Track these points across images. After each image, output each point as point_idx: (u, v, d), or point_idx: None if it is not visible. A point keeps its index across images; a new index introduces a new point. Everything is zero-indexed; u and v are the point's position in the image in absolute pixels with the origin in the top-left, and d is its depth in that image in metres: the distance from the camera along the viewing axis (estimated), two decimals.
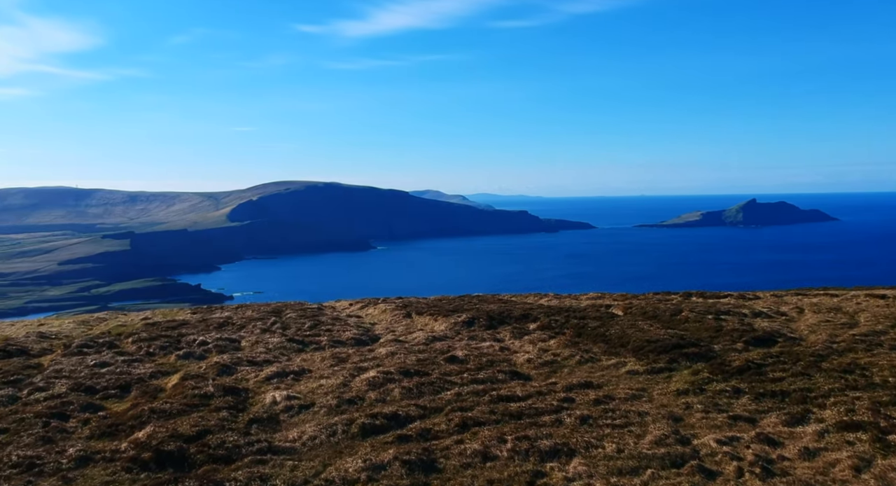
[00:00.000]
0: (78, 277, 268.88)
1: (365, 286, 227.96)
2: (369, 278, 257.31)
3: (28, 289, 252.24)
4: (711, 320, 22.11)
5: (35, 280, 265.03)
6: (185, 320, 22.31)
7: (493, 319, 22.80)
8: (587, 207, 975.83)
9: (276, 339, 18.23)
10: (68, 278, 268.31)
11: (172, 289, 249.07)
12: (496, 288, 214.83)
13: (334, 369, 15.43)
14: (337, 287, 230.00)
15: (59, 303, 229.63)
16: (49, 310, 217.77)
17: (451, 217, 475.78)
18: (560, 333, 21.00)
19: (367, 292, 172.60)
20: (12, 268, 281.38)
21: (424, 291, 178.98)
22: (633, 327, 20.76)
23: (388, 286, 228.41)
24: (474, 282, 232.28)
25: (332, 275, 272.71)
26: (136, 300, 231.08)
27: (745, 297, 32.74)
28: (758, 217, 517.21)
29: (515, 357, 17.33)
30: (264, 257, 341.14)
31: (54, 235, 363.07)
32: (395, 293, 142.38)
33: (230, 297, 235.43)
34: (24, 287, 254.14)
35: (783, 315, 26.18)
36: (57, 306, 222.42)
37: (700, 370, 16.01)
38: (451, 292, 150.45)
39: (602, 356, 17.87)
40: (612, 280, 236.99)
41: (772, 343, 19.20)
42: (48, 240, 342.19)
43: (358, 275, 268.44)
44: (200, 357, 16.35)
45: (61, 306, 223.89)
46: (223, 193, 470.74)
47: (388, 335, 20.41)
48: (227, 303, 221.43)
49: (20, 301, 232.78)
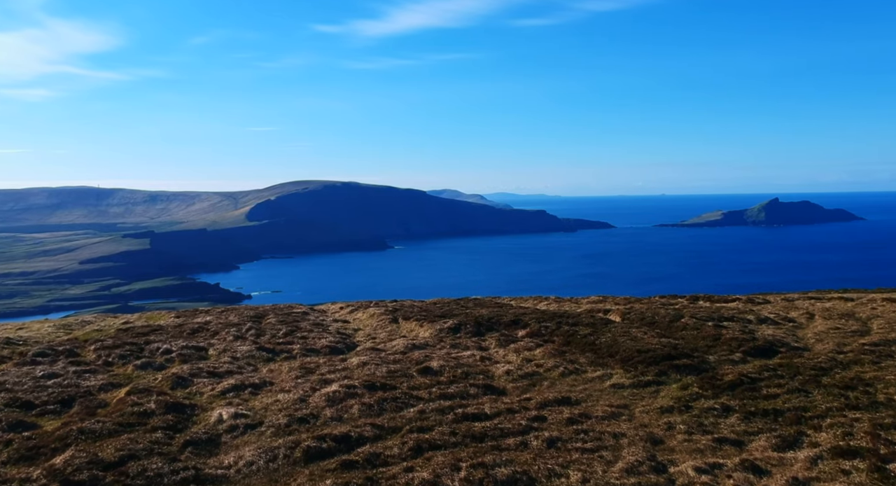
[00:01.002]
0: (99, 276, 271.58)
1: (380, 286, 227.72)
2: (385, 278, 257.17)
3: (50, 288, 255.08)
4: (711, 328, 20.93)
5: (57, 279, 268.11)
6: (161, 325, 21.56)
7: (480, 325, 21.80)
8: (607, 206, 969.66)
9: (245, 347, 17.38)
10: (89, 276, 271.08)
11: (191, 288, 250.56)
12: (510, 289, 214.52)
13: (298, 381, 14.53)
14: (353, 287, 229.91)
15: (80, 301, 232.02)
16: (70, 309, 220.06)
17: (468, 217, 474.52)
18: (549, 340, 19.95)
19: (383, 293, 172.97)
20: (35, 267, 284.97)
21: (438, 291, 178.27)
22: (625, 334, 19.65)
23: (403, 286, 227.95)
24: (489, 282, 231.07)
25: (349, 274, 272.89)
26: (156, 299, 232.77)
27: (755, 301, 31.44)
28: (780, 217, 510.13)
29: (494, 368, 16.32)
30: (282, 256, 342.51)
31: (76, 235, 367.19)
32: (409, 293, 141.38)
33: (248, 296, 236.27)
34: (46, 286, 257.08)
35: (791, 322, 24.91)
36: (78, 305, 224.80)
37: (689, 384, 14.90)
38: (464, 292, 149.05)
39: (588, 367, 16.80)
40: (629, 281, 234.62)
41: (772, 354, 18.01)
42: (70, 239, 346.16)
43: (374, 275, 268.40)
44: (160, 367, 15.53)
45: (82, 304, 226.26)
46: (242, 192, 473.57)
47: (367, 343, 19.49)
48: (245, 302, 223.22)
49: (42, 300, 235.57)
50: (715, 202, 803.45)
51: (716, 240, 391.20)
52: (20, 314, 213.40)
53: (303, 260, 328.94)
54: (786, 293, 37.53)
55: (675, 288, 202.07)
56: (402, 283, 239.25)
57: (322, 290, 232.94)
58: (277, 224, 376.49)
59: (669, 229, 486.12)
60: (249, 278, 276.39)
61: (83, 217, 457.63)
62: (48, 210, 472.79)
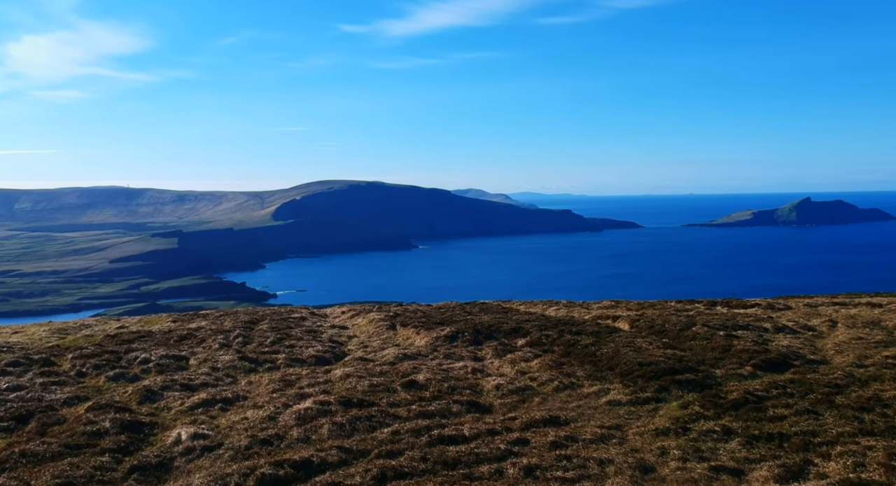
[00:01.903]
0: (128, 274, 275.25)
1: (403, 286, 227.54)
2: (408, 278, 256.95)
3: (81, 286, 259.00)
4: (722, 338, 19.77)
5: (87, 278, 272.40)
6: (152, 330, 21.01)
7: (479, 333, 20.90)
8: (634, 206, 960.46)
9: (228, 357, 16.69)
10: (119, 275, 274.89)
11: (218, 287, 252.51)
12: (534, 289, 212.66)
13: (273, 396, 13.78)
14: (376, 287, 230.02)
15: (109, 300, 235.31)
16: (100, 307, 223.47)
17: (493, 216, 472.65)
18: (549, 350, 18.99)
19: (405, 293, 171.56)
20: (66, 265, 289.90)
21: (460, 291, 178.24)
22: (629, 345, 18.61)
23: (426, 286, 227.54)
24: (512, 283, 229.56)
25: (373, 274, 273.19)
26: (184, 298, 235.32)
27: (775, 307, 30.09)
28: (812, 216, 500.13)
29: (485, 382, 15.42)
30: (307, 255, 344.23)
31: (106, 234, 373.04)
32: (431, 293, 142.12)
33: (274, 295, 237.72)
34: (77, 284, 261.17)
35: (810, 330, 23.60)
36: (108, 303, 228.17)
37: (690, 403, 13.85)
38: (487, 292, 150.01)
39: (585, 381, 15.82)
40: (656, 281, 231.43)
41: (785, 367, 16.85)
42: (100, 238, 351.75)
43: (398, 275, 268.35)
44: (133, 379, 14.90)
45: (112, 302, 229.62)
46: (268, 192, 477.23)
47: (358, 352, 18.71)
48: (271, 301, 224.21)
49: (73, 298, 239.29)
50: (744, 202, 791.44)
51: (745, 240, 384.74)
52: (52, 312, 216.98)
53: (328, 260, 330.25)
54: (812, 297, 36.01)
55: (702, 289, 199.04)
56: (425, 283, 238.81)
57: (346, 289, 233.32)
58: (303, 224, 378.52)
59: (698, 229, 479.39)
60: (275, 278, 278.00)
61: (113, 217, 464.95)
62: (80, 210, 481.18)
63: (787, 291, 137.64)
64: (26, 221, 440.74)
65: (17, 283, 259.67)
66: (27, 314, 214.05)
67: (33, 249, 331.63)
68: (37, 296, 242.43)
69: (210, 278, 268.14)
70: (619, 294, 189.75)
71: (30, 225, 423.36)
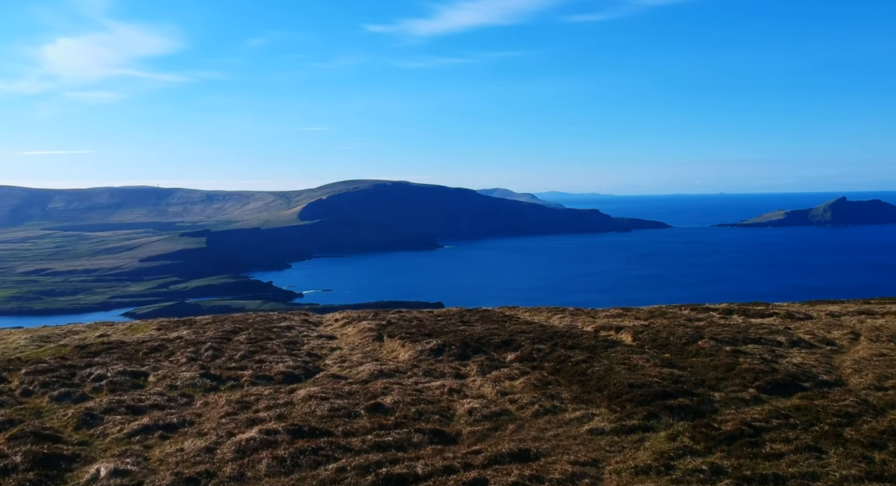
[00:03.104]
0: (157, 273, 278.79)
1: (426, 287, 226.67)
2: (433, 278, 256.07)
3: (112, 285, 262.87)
4: (727, 354, 18.25)
5: (118, 276, 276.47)
6: (126, 341, 20.14)
7: (467, 346, 19.65)
8: (663, 205, 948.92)
9: (190, 373, 15.67)
10: (149, 274, 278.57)
11: (245, 286, 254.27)
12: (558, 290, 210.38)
13: (222, 421, 12.70)
14: (400, 287, 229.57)
15: (139, 299, 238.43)
16: (130, 305, 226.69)
17: (519, 216, 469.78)
18: (538, 367, 17.69)
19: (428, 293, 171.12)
20: (98, 264, 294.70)
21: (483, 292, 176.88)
22: (624, 362, 17.21)
23: (450, 286, 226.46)
24: (536, 284, 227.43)
25: (397, 274, 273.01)
26: (212, 297, 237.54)
27: (794, 316, 28.35)
28: (848, 216, 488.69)
29: (458, 405, 14.19)
30: (333, 255, 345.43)
31: (136, 233, 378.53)
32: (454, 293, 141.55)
33: (300, 294, 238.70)
34: (108, 283, 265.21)
35: (829, 344, 21.93)
36: (137, 302, 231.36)
37: (680, 434, 12.46)
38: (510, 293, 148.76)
39: (569, 405, 14.50)
40: (685, 283, 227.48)
41: (793, 390, 15.33)
42: (131, 238, 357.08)
43: (421, 275, 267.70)
44: (79, 399, 13.93)
45: (142, 301, 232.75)
46: (294, 192, 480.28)
47: (334, 367, 17.60)
48: (297, 301, 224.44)
49: (104, 297, 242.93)
50: (777, 201, 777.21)
51: (777, 240, 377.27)
52: (83, 311, 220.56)
53: (353, 259, 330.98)
54: (842, 302, 34.10)
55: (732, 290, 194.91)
56: (450, 283, 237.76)
57: (370, 289, 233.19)
58: (328, 223, 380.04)
59: (728, 229, 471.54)
60: (301, 277, 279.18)
61: (143, 216, 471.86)
62: (111, 209, 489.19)
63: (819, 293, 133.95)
64: (59, 221, 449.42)
65: (49, 281, 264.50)
66: (59, 313, 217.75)
67: (66, 248, 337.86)
68: (69, 294, 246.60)
69: (237, 278, 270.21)
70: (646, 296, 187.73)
71: (63, 224, 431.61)
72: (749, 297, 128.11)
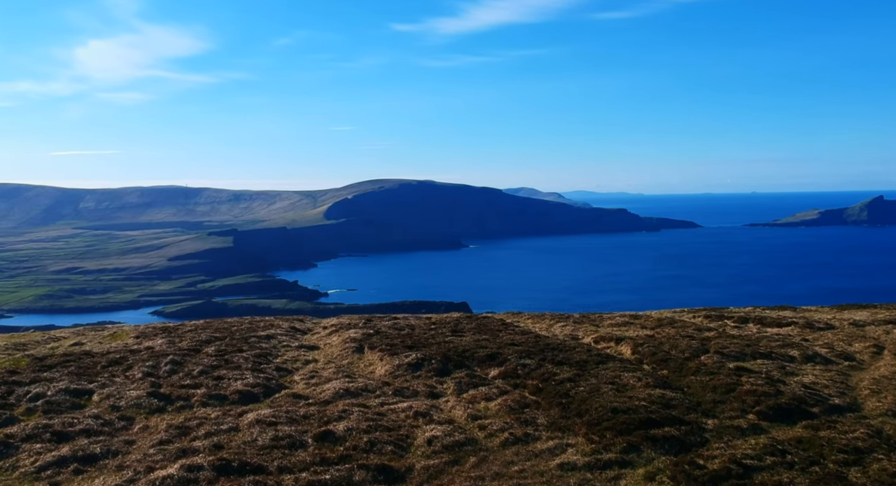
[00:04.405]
0: (185, 272, 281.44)
1: (452, 286, 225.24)
2: (458, 278, 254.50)
3: (141, 283, 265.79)
4: (730, 372, 16.58)
5: (147, 275, 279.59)
6: (91, 351, 19.14)
7: (449, 360, 18.27)
8: (693, 204, 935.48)
9: (138, 392, 14.53)
10: (177, 273, 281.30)
11: (271, 285, 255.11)
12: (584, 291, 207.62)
13: (151, 451, 11.51)
14: (424, 287, 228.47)
15: (168, 297, 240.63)
16: (158, 304, 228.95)
17: (545, 215, 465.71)
18: (521, 385, 16.25)
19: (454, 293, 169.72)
20: (127, 263, 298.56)
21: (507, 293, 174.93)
22: (613, 381, 15.68)
23: (475, 286, 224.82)
24: (562, 284, 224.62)
25: (422, 274, 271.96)
26: (238, 296, 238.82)
27: (814, 326, 26.49)
28: (886, 216, 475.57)
29: (420, 432, 12.84)
30: (358, 254, 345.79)
31: (165, 232, 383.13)
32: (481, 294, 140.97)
33: (325, 294, 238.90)
34: (137, 282, 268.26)
35: (847, 360, 20.13)
36: (166, 300, 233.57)
37: (659, 472, 10.97)
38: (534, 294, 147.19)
39: (544, 432, 13.05)
40: (714, 283, 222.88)
41: (798, 416, 13.70)
42: (159, 237, 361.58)
43: (446, 275, 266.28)
44: (5, 423, 12.85)
45: (170, 300, 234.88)
46: (320, 191, 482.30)
47: (300, 384, 16.35)
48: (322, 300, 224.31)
49: (133, 295, 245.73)
50: (811, 200, 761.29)
51: (811, 240, 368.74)
52: (113, 309, 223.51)
53: (378, 259, 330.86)
54: (874, 307, 32.02)
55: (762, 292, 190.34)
56: (474, 283, 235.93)
57: (395, 289, 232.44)
58: (354, 223, 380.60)
59: (760, 229, 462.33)
60: (327, 276, 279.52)
61: (172, 216, 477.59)
62: (140, 209, 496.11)
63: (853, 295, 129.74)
64: (90, 220, 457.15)
65: (80, 280, 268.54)
66: (90, 311, 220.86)
67: (96, 247, 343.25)
68: (99, 293, 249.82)
69: (264, 277, 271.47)
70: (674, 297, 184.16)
71: (93, 223, 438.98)
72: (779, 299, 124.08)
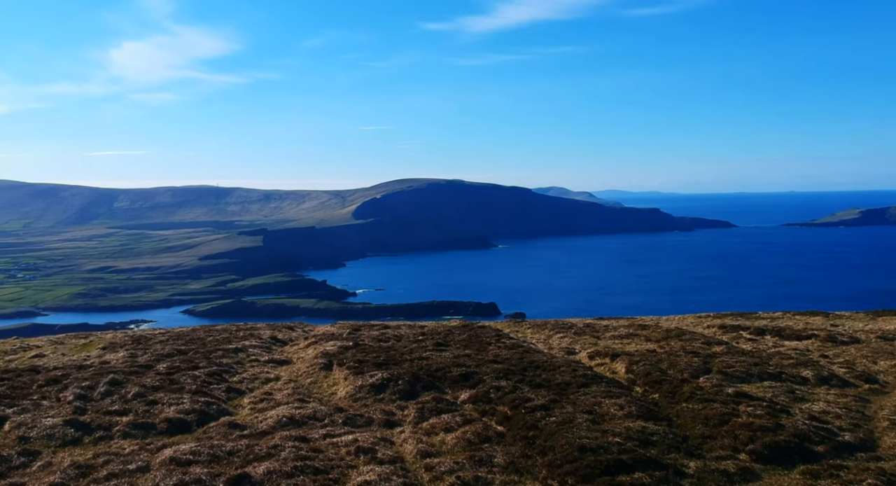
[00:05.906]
0: (216, 271, 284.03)
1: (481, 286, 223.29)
2: (486, 278, 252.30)
3: (172, 282, 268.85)
4: (726, 399, 14.60)
5: (178, 274, 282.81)
6: (41, 366, 17.94)
7: (418, 380, 16.60)
8: (728, 204, 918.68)
9: (55, 419, 13.15)
10: (207, 272, 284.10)
11: (300, 285, 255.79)
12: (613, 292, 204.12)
13: None
14: (454, 287, 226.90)
15: (198, 296, 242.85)
16: (189, 303, 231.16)
17: (576, 215, 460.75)
18: (490, 412, 14.51)
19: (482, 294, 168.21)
20: (159, 262, 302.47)
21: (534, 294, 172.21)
22: (591, 410, 13.85)
23: (503, 286, 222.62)
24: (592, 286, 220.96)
25: (450, 274, 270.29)
26: (268, 295, 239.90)
27: (836, 339, 24.23)
28: None
29: (354, 475, 11.19)
30: (387, 254, 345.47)
31: (196, 232, 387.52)
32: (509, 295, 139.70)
33: (353, 293, 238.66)
34: (168, 281, 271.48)
35: (869, 381, 17.97)
36: (196, 300, 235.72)
37: None
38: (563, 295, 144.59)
39: (498, 476, 11.30)
40: (749, 284, 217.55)
41: (799, 457, 11.74)
42: (191, 236, 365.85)
43: (474, 275, 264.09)
44: None
45: (200, 299, 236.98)
46: (349, 191, 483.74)
47: (245, 409, 14.82)
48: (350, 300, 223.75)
49: (165, 294, 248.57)
50: (852, 199, 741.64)
51: (851, 241, 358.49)
52: (145, 308, 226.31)
53: (407, 258, 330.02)
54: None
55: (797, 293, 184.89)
56: (503, 283, 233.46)
57: (423, 289, 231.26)
58: (382, 222, 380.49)
59: (798, 229, 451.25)
60: (355, 276, 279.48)
61: (203, 215, 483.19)
62: (172, 208, 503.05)
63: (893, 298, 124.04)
64: (124, 219, 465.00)
65: (114, 279, 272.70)
66: (123, 309, 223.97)
67: (129, 246, 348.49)
68: (132, 292, 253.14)
69: (293, 276, 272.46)
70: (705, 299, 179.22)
71: (127, 223, 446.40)
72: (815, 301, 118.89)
